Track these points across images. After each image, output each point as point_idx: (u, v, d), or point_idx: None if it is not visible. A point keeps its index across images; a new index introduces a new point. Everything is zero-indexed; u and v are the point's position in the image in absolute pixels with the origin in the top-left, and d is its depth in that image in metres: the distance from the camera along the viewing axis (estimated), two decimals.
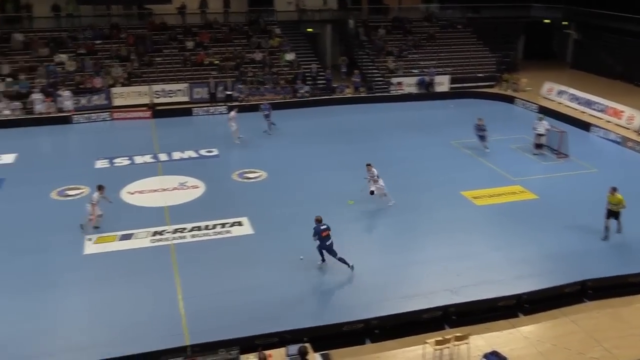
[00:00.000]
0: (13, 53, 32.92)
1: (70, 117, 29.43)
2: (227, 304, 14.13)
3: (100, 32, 34.72)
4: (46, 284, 15.02)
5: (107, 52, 33.62)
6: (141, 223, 18.03)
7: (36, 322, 13.51)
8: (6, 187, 21.29)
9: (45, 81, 31.02)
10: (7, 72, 31.27)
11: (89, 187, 20.72)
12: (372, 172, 19.05)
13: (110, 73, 31.91)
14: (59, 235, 17.25)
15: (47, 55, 32.86)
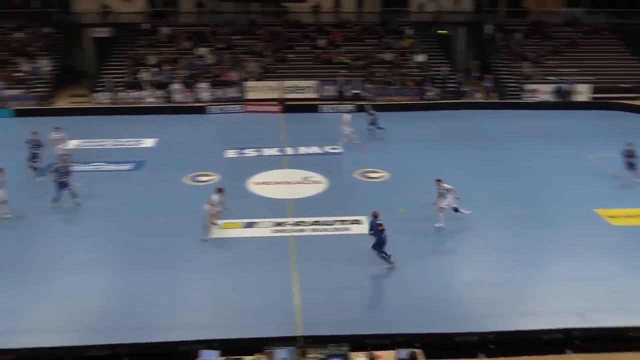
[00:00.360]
0: (159, 45, 35.42)
1: (206, 107, 31.15)
2: (341, 300, 14.31)
3: (239, 28, 36.40)
4: (173, 262, 16.05)
5: (243, 48, 35.18)
6: (264, 213, 18.71)
7: (161, 297, 14.48)
8: (146, 169, 23.01)
9: (185, 72, 33.07)
10: (153, 63, 33.70)
11: (218, 174, 21.85)
12: (442, 187, 17.93)
13: (246, 67, 33.36)
14: (188, 217, 18.32)
15: (189, 48, 35.01)
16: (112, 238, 17.50)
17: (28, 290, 14.81)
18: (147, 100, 31.49)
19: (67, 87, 34.69)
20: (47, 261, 16.15)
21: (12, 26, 36.25)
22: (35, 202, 19.61)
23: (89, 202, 19.78)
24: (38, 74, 33.30)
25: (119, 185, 21.32)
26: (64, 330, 13.14)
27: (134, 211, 19.10)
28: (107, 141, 26.25)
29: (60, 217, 18.74)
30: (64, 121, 29.46)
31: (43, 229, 17.91)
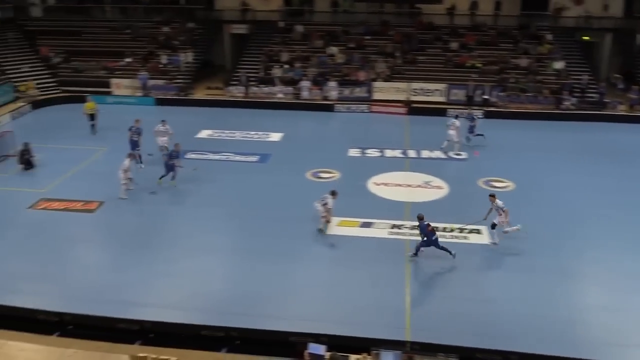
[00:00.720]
0: (293, 43, 36.44)
1: (333, 105, 31.59)
2: (453, 309, 13.93)
3: (371, 28, 36.54)
4: (289, 254, 16.45)
5: (374, 48, 35.28)
6: (382, 214, 18.65)
7: (274, 286, 14.89)
8: (271, 162, 23.76)
9: (315, 70, 33.73)
10: (285, 60, 34.73)
11: (339, 172, 22.09)
12: (496, 204, 16.72)
13: (375, 68, 33.43)
14: (307, 211, 18.64)
15: (321, 47, 35.69)
16: (233, 225, 18.26)
17: (155, 268, 15.86)
18: (277, 95, 32.52)
19: (205, 79, 36.62)
20: (174, 243, 17.18)
21: (160, 20, 38.94)
22: (164, 187, 20.94)
23: (214, 190, 20.80)
24: (180, 66, 35.48)
25: (244, 176, 22.20)
26: (182, 308, 13.91)
27: (255, 201, 19.82)
28: (237, 133, 27.41)
29: (188, 203, 19.84)
30: (199, 111, 31.37)
31: (172, 213, 19.06)
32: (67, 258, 16.49)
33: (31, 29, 38.65)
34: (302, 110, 31.48)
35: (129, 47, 37.12)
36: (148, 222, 18.41)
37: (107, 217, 18.97)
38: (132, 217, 18.82)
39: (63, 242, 17.29)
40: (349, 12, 38.02)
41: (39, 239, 17.42)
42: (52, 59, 36.32)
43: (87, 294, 14.56)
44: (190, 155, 23.94)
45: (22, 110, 31.21)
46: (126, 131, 23.31)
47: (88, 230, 18.24)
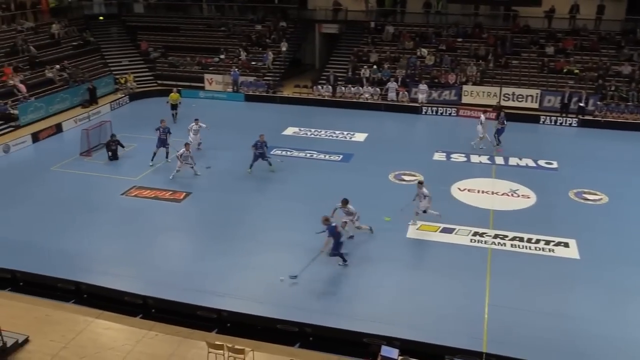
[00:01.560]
0: (383, 43, 36.31)
1: (420, 107, 31.22)
2: (533, 324, 13.44)
3: (463, 31, 35.81)
4: (367, 255, 16.42)
5: (465, 50, 34.56)
6: (464, 220, 18.26)
7: (349, 286, 14.93)
8: (354, 161, 23.81)
9: (404, 72, 33.46)
10: (374, 60, 34.67)
11: (423, 175, 21.81)
12: (422, 192, 17.61)
13: (465, 71, 32.75)
14: (388, 213, 18.59)
15: (411, 48, 35.35)
16: (312, 222, 18.37)
17: (234, 259, 16.31)
18: (363, 96, 32.52)
19: (294, 77, 37.19)
20: (254, 235, 17.59)
21: (253, 18, 39.92)
22: (249, 182, 21.48)
23: (296, 186, 21.10)
24: (268, 64, 36.21)
25: (326, 174, 22.39)
26: (259, 301, 14.23)
27: (336, 200, 19.82)
28: (322, 131, 27.66)
29: (270, 197, 20.23)
30: (286, 109, 31.92)
31: (254, 207, 19.51)
32: (154, 244, 17.26)
33: (133, 25, 40.66)
34: (388, 111, 31.33)
35: (223, 44, 38.30)
36: (230, 214, 18.93)
37: (193, 207, 19.70)
38: (215, 209, 19.43)
39: (151, 229, 18.11)
40: (442, 13, 37.43)
41: (130, 225, 18.34)
42: (151, 54, 38.06)
43: (170, 280, 15.18)
44: (276, 152, 24.40)
45: (120, 101, 32.93)
46: (215, 127, 24.04)
47: (174, 219, 19.01)
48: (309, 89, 34.06)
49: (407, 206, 18.05)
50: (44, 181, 22.00)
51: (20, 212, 19.22)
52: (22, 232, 17.83)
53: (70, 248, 16.87)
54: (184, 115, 28.71)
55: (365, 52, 35.53)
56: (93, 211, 19.25)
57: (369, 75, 33.72)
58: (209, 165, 22.25)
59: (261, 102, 33.22)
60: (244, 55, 36.44)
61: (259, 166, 22.49)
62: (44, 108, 29.45)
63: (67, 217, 18.68)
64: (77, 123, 28.84)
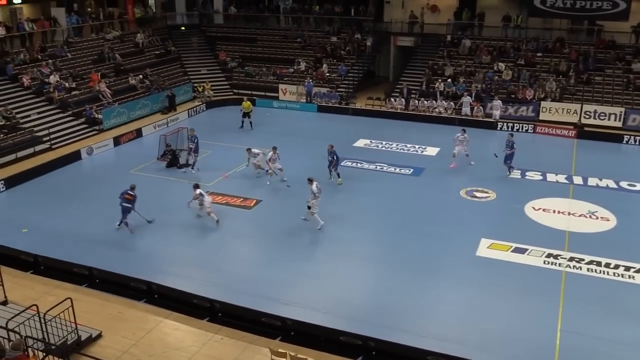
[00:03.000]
0: (458, 57, 35.79)
1: (495, 123, 30.50)
2: (608, 353, 12.78)
3: (544, 45, 34.79)
4: (435, 271, 16.17)
5: (545, 66, 33.54)
6: (538, 241, 17.66)
7: (416, 302, 14.70)
8: (424, 176, 23.53)
9: (479, 86, 32.82)
10: (449, 74, 34.19)
11: (495, 192, 21.28)
12: (311, 189, 18.55)
13: (544, 86, 31.76)
14: (458, 229, 18.28)
15: (487, 62, 34.66)
16: (380, 235, 18.32)
17: (301, 268, 16.42)
18: (437, 110, 32.10)
19: (367, 89, 37.20)
20: (321, 245, 17.65)
21: (329, 30, 40.27)
22: None
23: (365, 198, 21.05)
24: (343, 75, 36.39)
25: (396, 187, 22.23)
26: (323, 311, 14.23)
27: (404, 214, 19.74)
28: (393, 144, 27.50)
29: (339, 208, 20.24)
30: (358, 120, 31.95)
31: (322, 217, 19.58)
32: (224, 249, 17.62)
33: (213, 35, 41.88)
34: (461, 126, 30.69)
35: (298, 55, 38.83)
36: (299, 223, 19.06)
37: (263, 214, 19.99)
38: (285, 217, 19.62)
39: (222, 234, 18.50)
40: (521, 27, 36.51)
41: (201, 229, 18.79)
42: (228, 64, 39.07)
43: (237, 285, 15.43)
44: (346, 163, 24.45)
45: (197, 108, 33.92)
46: (288, 136, 24.29)
47: (244, 226, 19.34)
48: (381, 101, 33.96)
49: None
50: (123, 183, 22.73)
51: (100, 211, 20.05)
52: (100, 230, 18.61)
53: (144, 248, 17.46)
54: (258, 122, 29.19)
55: (440, 66, 35.12)
56: (167, 214, 19.84)
57: (443, 88, 33.29)
58: (288, 183, 22.40)
59: (333, 113, 33.41)
60: (326, 67, 36.74)
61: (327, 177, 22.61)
62: (125, 113, 30.71)
63: (143, 221, 19.32)
64: (156, 128, 29.92)
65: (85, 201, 21.03)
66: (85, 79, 32.09)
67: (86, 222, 19.21)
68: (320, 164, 23.22)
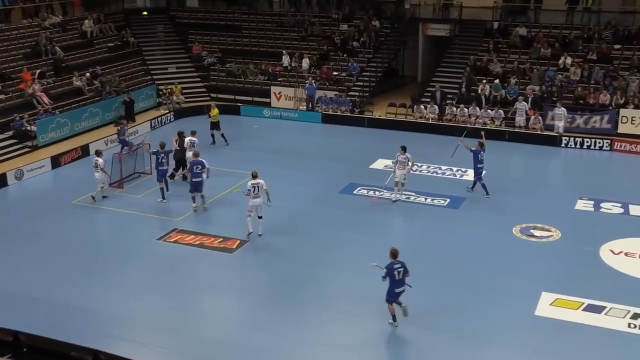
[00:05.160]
0: (509, 51, 36.00)
1: (558, 137, 30.51)
2: None
3: (623, 34, 34.92)
4: (480, 333, 15.98)
5: (625, 62, 33.68)
6: (618, 296, 17.48)
7: None
8: (465, 208, 23.45)
9: (537, 89, 32.88)
10: (497, 73, 34.25)
11: (560, 230, 21.17)
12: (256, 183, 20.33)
13: (624, 89, 31.82)
14: (511, 281, 18.15)
15: (548, 57, 34.81)
16: (407, 288, 18.14)
17: (300, 331, 16.23)
18: (480, 120, 32.17)
19: (388, 93, 37.40)
20: (328, 300, 17.47)
21: (338, 16, 40.55)
22: (322, 229, 21.53)
23: (384, 236, 20.84)
24: (356, 75, 36.58)
25: (426, 223, 22.15)
26: None
27: (439, 259, 19.59)
28: (423, 166, 27.46)
29: (349, 250, 20.13)
30: (377, 134, 32.03)
31: (329, 261, 19.47)
32: (197, 306, 17.47)
33: (184, 22, 42.35)
34: (514, 141, 30.79)
35: (296, 48, 39.10)
36: (298, 271, 18.94)
37: (249, 259, 19.91)
38: (278, 263, 19.52)
39: (193, 286, 18.36)
40: (592, 11, 36.69)
41: (166, 279, 18.67)
42: (205, 59, 39.37)
43: (215, 355, 15.25)
44: (361, 191, 24.39)
45: (163, 118, 34.08)
46: (282, 154, 24.25)
47: (224, 274, 19.24)
48: (407, 109, 34.08)
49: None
50: (63, 218, 22.88)
51: (31, 256, 19.97)
52: (31, 282, 18.48)
53: (90, 306, 17.30)
54: (242, 136, 29.14)
55: (485, 62, 35.30)
56: (121, 260, 19.75)
57: (488, 92, 33.39)
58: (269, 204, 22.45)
59: (343, 124, 33.49)
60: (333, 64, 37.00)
61: (340, 208, 22.56)
62: (68, 125, 30.90)
63: (89, 266, 19.18)
64: (108, 145, 30.01)
65: (11, 243, 20.96)
66: (14, 80, 32.31)
67: (13, 272, 19.12)
68: (325, 192, 23.18)
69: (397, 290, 15.98)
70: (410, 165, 23.80)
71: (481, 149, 24.31)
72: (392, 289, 15.95)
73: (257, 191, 20.44)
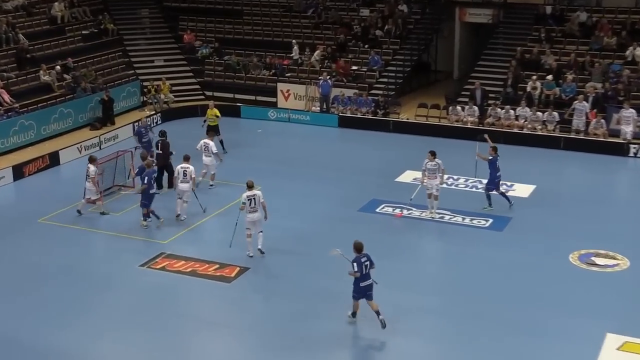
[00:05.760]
0: (565, 40, 35.89)
1: (626, 145, 30.37)
2: None
3: None
4: None
5: None
6: None
7: None
8: (511, 230, 23.32)
9: (600, 87, 32.70)
10: (549, 67, 34.05)
11: (629, 258, 21.01)
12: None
13: None
14: (568, 319, 18.00)
15: (613, 47, 34.65)
16: (442, 326, 18.05)
17: None
18: (530, 124, 32.04)
19: (417, 92, 37.36)
20: (344, 345, 17.40)
21: None
22: None
23: (414, 265, 20.98)
24: (379, 70, 36.56)
25: (465, 249, 22.04)
26: None
27: (481, 292, 19.47)
28: (460, 179, 27.42)
29: None
30: (405, 141, 32.03)
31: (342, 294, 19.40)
32: (187, 347, 17.40)
33: (173, 6, 42.45)
34: (570, 149, 30.72)
35: (308, 37, 39.14)
36: (309, 304, 18.87)
37: (250, 290, 19.84)
38: (286, 294, 19.43)
39: (184, 323, 18.27)
40: None
41: (151, 313, 18.61)
42: (198, 50, 39.44)
43: None
44: (385, 209, 24.34)
45: (148, 120, 34.02)
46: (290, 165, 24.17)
47: (221, 308, 19.19)
48: (441, 110, 34.03)
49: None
50: (27, 240, 22.87)
51: None
52: None
53: (61, 346, 17.28)
54: (244, 142, 29.22)
55: (536, 54, 35.20)
56: (97, 291, 19.67)
57: (539, 91, 33.28)
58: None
59: (364, 129, 33.51)
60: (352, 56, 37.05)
61: (359, 230, 22.51)
62: (33, 128, 30.97)
63: (58, 298, 19.15)
64: (82, 152, 30.08)
65: None
66: None
67: None
68: (342, 211, 23.13)
69: (362, 285, 17.27)
70: (442, 174, 23.80)
71: (496, 155, 24.35)
72: (358, 283, 17.29)
73: (253, 204, 20.60)
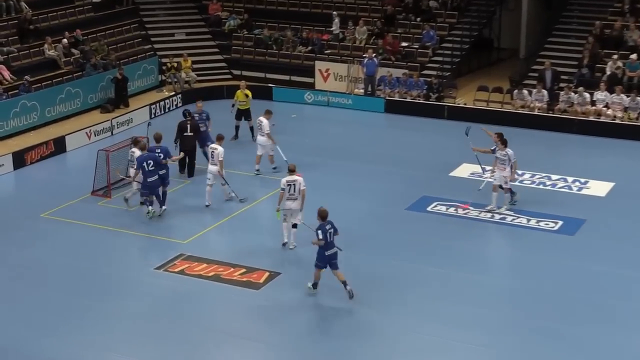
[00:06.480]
0: None
1: None
2: None
3: None
4: None
5: None
6: None
7: None
8: (584, 233, 23.30)
9: None
10: (635, 41, 33.70)
11: None
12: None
13: None
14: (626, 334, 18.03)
15: None
16: (505, 342, 18.01)
17: None
18: (610, 111, 31.80)
19: (477, 73, 37.25)
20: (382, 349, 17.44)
21: None
22: (389, 255, 21.49)
23: (468, 273, 20.86)
24: (433, 47, 36.50)
25: (531, 255, 22.02)
26: None
27: (549, 305, 19.41)
28: (526, 174, 27.32)
29: (428, 289, 20.06)
30: (460, 129, 31.77)
31: (399, 305, 19.41)
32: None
33: None
34: None
35: (351, 8, 39.14)
36: (350, 317, 18.92)
37: (282, 298, 19.87)
38: (322, 303, 19.48)
39: (201, 335, 18.31)
40: None
41: (164, 324, 18.68)
42: (225, 23, 39.56)
43: None
44: (437, 207, 24.34)
45: (166, 103, 34.25)
46: (329, 156, 24.23)
47: (248, 318, 19.19)
48: (505, 94, 33.91)
49: None
50: (28, 237, 23.09)
51: None
52: None
53: (63, 358, 17.45)
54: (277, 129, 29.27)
55: (618, 30, 34.91)
56: (107, 297, 19.83)
57: (621, 72, 33.03)
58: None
59: (414, 115, 33.53)
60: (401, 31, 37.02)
61: (408, 231, 22.51)
62: (37, 110, 31.23)
63: (63, 305, 19.32)
64: (92, 138, 30.31)
65: None
66: None
67: None
68: (388, 209, 23.14)
69: (327, 253, 18.77)
70: (513, 168, 23.89)
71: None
72: (323, 252, 18.78)
73: (292, 191, 20.89)
